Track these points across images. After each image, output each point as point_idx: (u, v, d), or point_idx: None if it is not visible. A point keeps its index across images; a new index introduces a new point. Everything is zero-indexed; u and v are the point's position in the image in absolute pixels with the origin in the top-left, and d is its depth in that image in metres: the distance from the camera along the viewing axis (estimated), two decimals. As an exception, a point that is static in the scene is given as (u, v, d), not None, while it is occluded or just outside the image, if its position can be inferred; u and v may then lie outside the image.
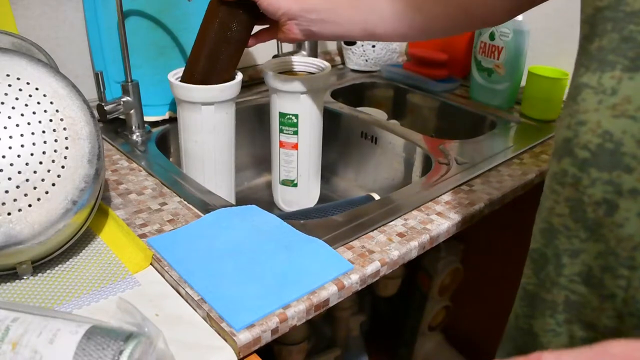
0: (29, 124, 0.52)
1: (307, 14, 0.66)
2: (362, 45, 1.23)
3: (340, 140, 1.05)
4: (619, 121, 0.36)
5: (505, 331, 0.52)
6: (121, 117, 0.86)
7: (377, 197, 0.79)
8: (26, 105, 0.52)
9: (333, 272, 0.55)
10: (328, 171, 1.06)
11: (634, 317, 0.38)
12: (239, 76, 0.79)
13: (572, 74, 0.42)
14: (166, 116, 0.93)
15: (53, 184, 0.52)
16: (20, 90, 0.52)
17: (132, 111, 0.85)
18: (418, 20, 0.66)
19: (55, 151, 0.52)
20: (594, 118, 0.38)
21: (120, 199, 0.69)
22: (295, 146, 0.85)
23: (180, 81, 0.76)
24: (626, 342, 0.30)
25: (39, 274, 0.55)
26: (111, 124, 0.89)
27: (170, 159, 0.81)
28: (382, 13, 0.66)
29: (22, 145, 0.51)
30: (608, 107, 0.37)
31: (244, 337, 0.47)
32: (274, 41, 1.02)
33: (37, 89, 0.53)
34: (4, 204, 0.49)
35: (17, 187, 0.50)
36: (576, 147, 0.39)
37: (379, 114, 1.12)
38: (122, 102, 0.83)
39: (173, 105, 0.93)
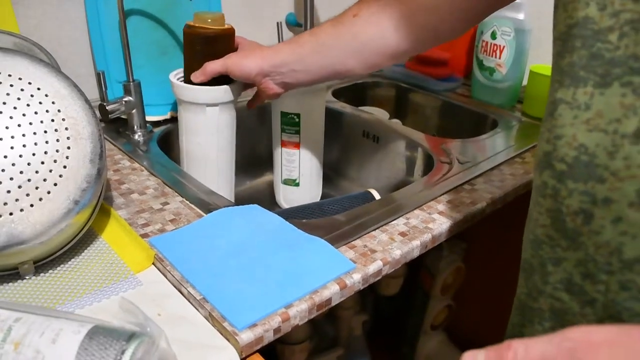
0: (30, 124, 0.52)
1: (278, 68, 0.70)
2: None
3: (342, 140, 1.05)
4: (593, 135, 0.38)
5: (504, 339, 0.53)
6: (123, 116, 0.86)
7: (375, 193, 0.79)
8: (28, 105, 0.52)
9: (335, 272, 0.55)
10: (330, 170, 1.06)
11: (614, 319, 0.39)
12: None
13: (549, 90, 0.44)
14: (168, 116, 0.93)
15: (55, 184, 0.52)
16: (22, 90, 0.52)
17: (133, 111, 0.85)
18: (385, 49, 0.67)
19: (57, 151, 0.52)
20: (570, 132, 0.40)
21: (122, 198, 0.69)
22: (297, 145, 0.85)
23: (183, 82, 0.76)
24: (585, 327, 0.32)
25: (41, 274, 0.55)
26: (113, 124, 0.89)
27: (172, 159, 0.81)
28: (347, 51, 0.68)
29: (24, 146, 0.51)
30: (582, 121, 0.39)
31: (246, 336, 0.47)
32: (276, 40, 1.03)
33: (39, 89, 0.53)
34: (5, 204, 0.49)
35: (19, 187, 0.50)
36: (554, 160, 0.41)
37: (381, 113, 1.12)
38: (123, 102, 0.83)
39: (175, 105, 0.93)
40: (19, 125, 0.51)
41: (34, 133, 0.52)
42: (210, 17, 0.74)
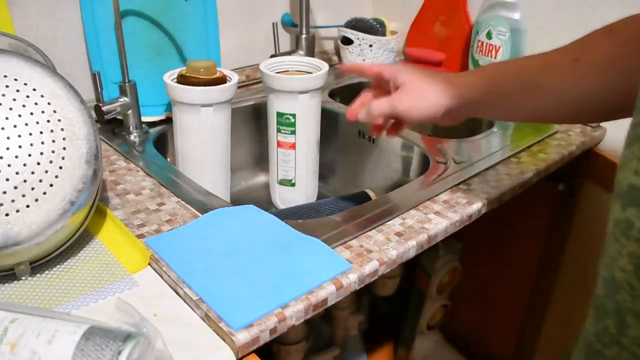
0: (26, 124, 0.52)
1: (470, 105, 0.60)
2: (360, 45, 1.23)
3: (337, 140, 1.05)
4: None
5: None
6: (119, 117, 0.86)
7: (371, 193, 0.79)
8: (24, 106, 0.52)
9: (331, 272, 0.55)
10: (326, 170, 1.06)
11: None
12: (235, 77, 0.79)
13: (638, 104, 0.36)
14: (163, 116, 0.93)
15: (51, 185, 0.52)
16: (17, 91, 0.52)
17: (129, 111, 0.85)
18: (607, 104, 0.56)
19: (53, 152, 0.52)
20: None
21: (118, 199, 0.69)
22: (292, 146, 0.85)
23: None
24: None
25: (37, 275, 0.55)
26: (109, 125, 0.89)
27: (168, 159, 0.81)
28: (557, 100, 0.57)
29: (19, 146, 0.51)
30: None
31: (242, 337, 0.47)
32: (271, 40, 1.03)
33: (34, 89, 0.53)
34: (1, 204, 0.49)
35: (15, 187, 0.50)
36: None
37: (377, 114, 1.12)
38: (119, 103, 0.83)
39: (171, 106, 0.92)
40: (14, 126, 0.51)
41: (30, 134, 0.52)
42: (202, 67, 0.75)
